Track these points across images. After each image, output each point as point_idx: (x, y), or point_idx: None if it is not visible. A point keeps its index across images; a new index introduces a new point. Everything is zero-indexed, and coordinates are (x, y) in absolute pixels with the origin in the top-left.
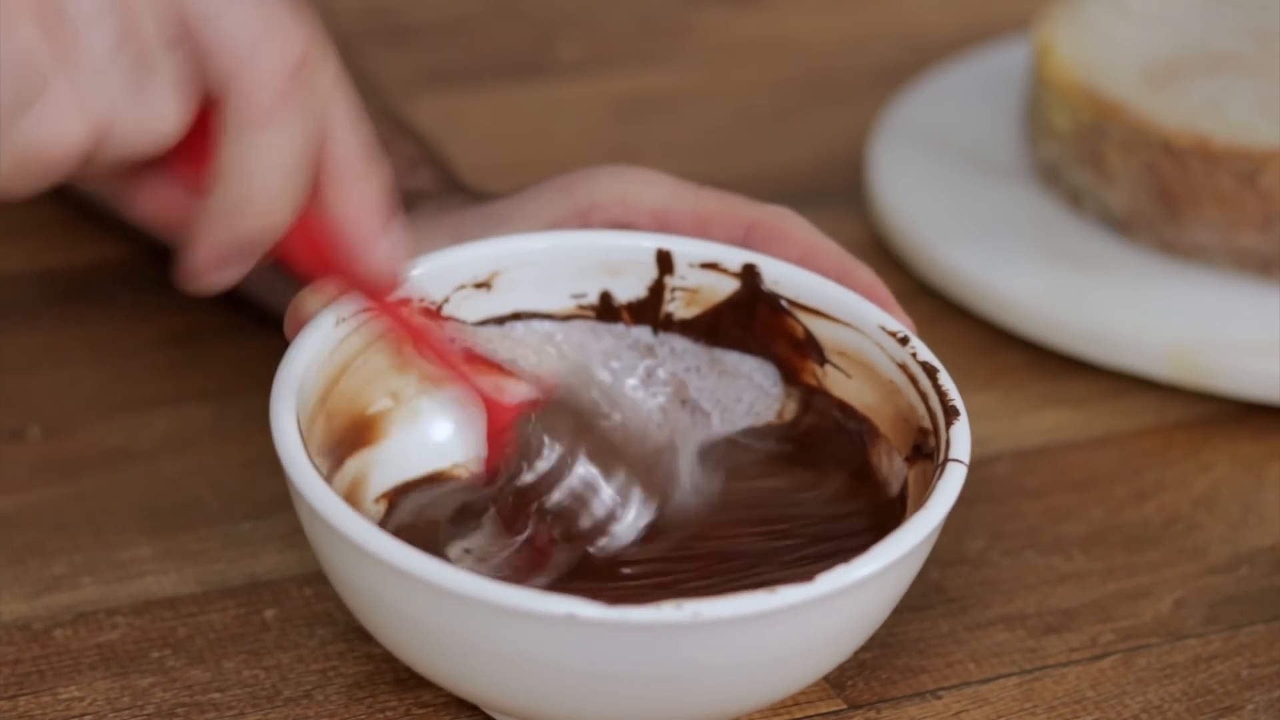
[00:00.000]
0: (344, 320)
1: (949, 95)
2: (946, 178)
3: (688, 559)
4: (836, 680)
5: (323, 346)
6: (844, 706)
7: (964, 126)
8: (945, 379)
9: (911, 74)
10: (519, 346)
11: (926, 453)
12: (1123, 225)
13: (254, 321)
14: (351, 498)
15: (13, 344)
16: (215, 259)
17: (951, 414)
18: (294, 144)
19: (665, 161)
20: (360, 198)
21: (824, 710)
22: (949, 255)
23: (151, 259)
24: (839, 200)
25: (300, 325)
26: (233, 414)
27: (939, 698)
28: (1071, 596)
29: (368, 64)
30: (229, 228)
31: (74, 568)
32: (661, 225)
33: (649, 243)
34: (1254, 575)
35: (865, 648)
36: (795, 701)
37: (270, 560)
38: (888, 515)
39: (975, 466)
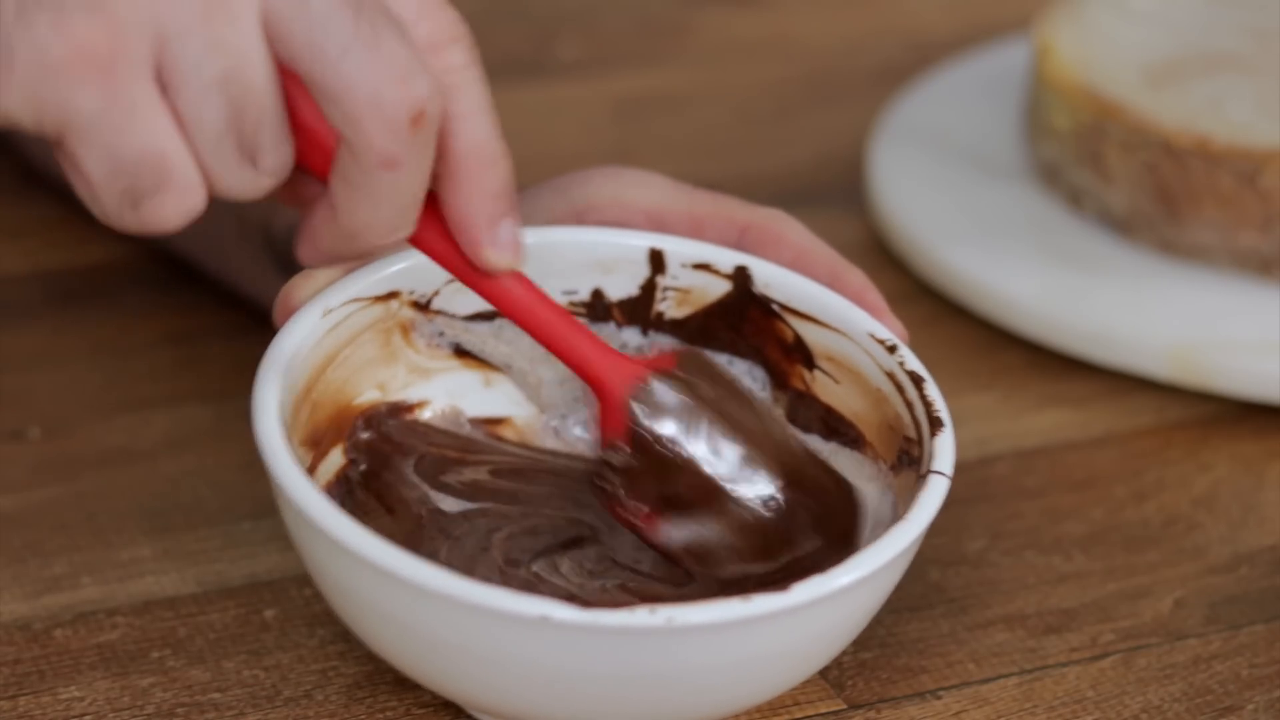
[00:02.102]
0: (332, 310)
1: (949, 95)
2: (946, 178)
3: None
4: (836, 680)
5: (310, 336)
6: (844, 706)
7: (964, 126)
8: (931, 388)
9: (911, 74)
10: (516, 356)
11: (911, 462)
12: (1123, 225)
13: (254, 321)
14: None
15: (13, 344)
16: (325, 261)
17: (936, 424)
18: (408, 186)
19: (664, 161)
20: (476, 194)
21: (824, 710)
22: (949, 255)
23: (151, 259)
24: (838, 200)
25: (289, 314)
26: (233, 414)
27: (939, 698)
28: (1071, 596)
29: None
30: (340, 247)
31: (74, 568)
32: (656, 226)
33: (642, 241)
34: (1254, 575)
35: (865, 648)
36: (795, 701)
37: (270, 560)
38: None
39: (975, 466)
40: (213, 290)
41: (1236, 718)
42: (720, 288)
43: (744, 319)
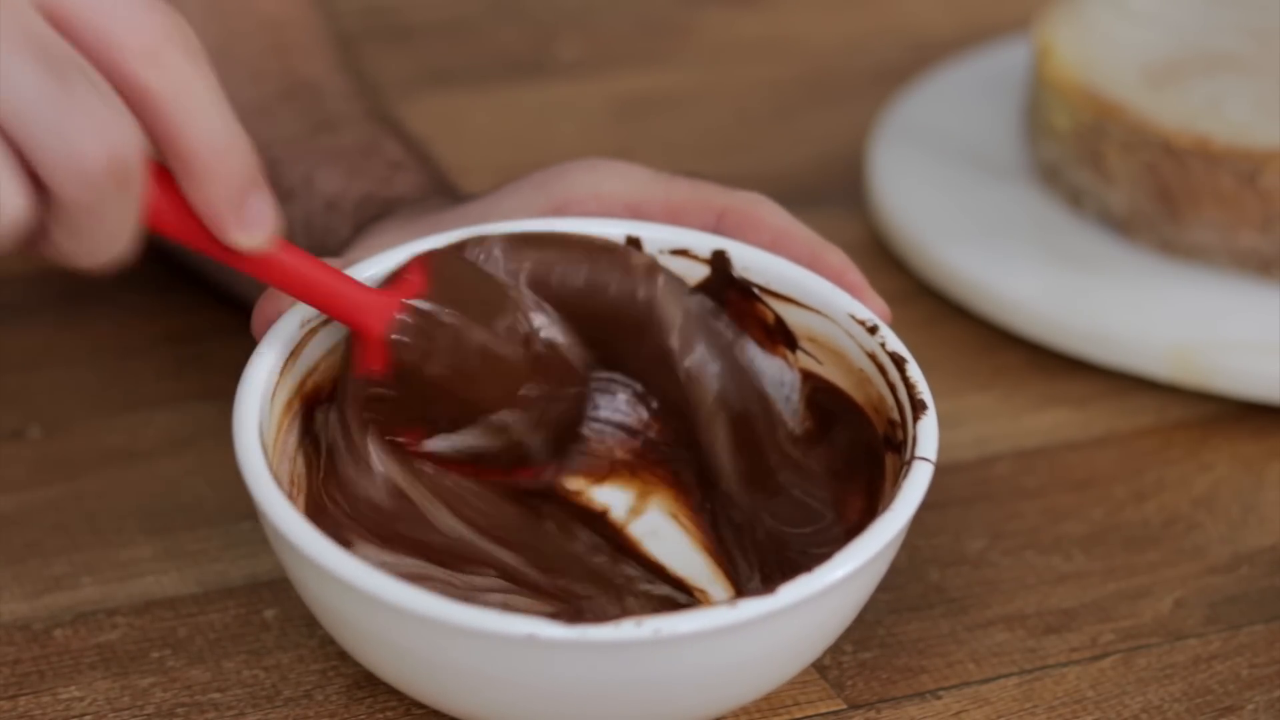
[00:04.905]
0: (309, 321)
1: (949, 95)
2: (946, 178)
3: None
4: (836, 680)
5: (289, 349)
6: (844, 706)
7: (964, 126)
8: (914, 370)
9: (911, 74)
10: None
11: (895, 446)
12: (1123, 225)
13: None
14: None
15: (13, 344)
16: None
17: (919, 408)
18: (114, 224)
19: (664, 161)
20: (213, 185)
21: (824, 710)
22: (949, 255)
23: (151, 260)
24: (839, 200)
25: (266, 325)
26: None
27: (939, 698)
28: (1071, 596)
29: (368, 64)
30: (64, 262)
31: (74, 568)
32: (635, 217)
33: (619, 229)
34: (1254, 575)
35: (865, 648)
36: (795, 701)
37: (270, 560)
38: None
39: (975, 466)
40: (212, 290)
41: (1236, 718)
42: (699, 272)
43: (724, 303)
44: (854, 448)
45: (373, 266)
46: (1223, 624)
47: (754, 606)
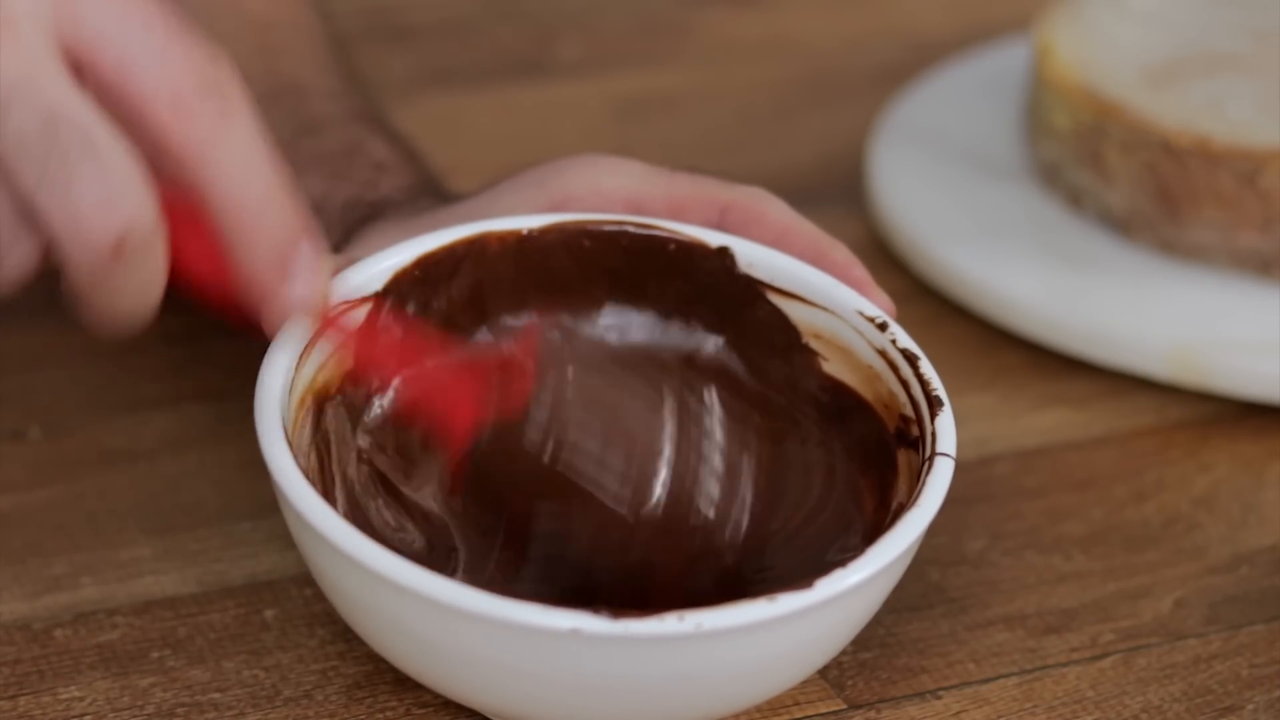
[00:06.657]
0: None
1: (949, 95)
2: (946, 178)
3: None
4: (836, 680)
5: (303, 343)
6: (844, 706)
7: (964, 126)
8: (926, 367)
9: (911, 74)
10: None
11: (909, 442)
12: (1123, 225)
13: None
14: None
15: (13, 344)
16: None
17: (935, 404)
18: (128, 293)
19: (664, 162)
20: (251, 250)
21: (824, 710)
22: (949, 255)
23: None
24: (839, 200)
25: (280, 320)
26: (233, 414)
27: (939, 698)
28: (1071, 596)
29: (367, 64)
30: (98, 322)
31: (74, 568)
32: (637, 213)
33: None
34: (1254, 575)
35: (865, 648)
36: (795, 701)
37: (270, 560)
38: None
39: (975, 466)
40: None
41: (1236, 718)
42: None
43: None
44: (863, 444)
45: (378, 264)
46: (1223, 624)
47: (792, 601)
